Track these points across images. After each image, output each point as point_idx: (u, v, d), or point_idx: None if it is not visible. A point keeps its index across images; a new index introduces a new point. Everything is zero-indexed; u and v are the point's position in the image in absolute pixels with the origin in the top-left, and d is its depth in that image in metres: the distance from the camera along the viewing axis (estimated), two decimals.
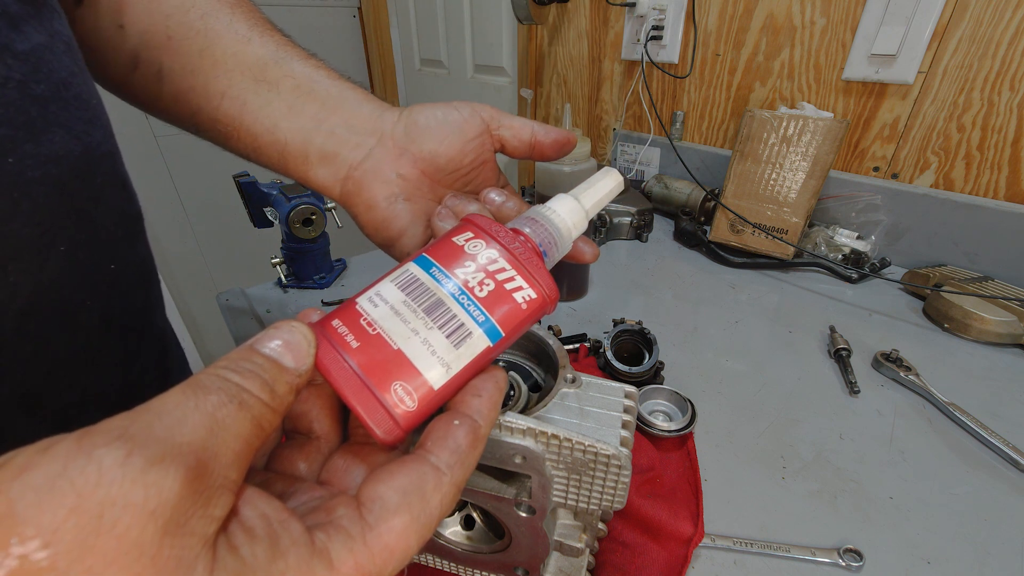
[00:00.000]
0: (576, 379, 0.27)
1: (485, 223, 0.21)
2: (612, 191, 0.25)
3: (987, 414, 0.46)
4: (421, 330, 0.18)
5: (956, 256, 0.69)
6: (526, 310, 0.19)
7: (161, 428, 0.12)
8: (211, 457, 0.12)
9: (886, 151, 0.74)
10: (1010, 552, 0.36)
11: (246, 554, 0.13)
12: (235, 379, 0.14)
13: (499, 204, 0.28)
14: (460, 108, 0.28)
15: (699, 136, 0.96)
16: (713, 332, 0.60)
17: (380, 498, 0.15)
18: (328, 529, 0.14)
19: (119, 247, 0.26)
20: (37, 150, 0.20)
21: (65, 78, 0.22)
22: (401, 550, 0.15)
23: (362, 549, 0.14)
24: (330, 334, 0.18)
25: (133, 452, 0.11)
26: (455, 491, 0.16)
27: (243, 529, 0.13)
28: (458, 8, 1.45)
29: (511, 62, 1.36)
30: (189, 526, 0.12)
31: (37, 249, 0.21)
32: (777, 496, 0.40)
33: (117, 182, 0.26)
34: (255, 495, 0.14)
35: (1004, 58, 0.61)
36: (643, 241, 0.84)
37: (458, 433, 0.17)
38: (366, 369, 0.17)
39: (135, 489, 0.11)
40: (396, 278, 0.20)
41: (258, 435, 0.14)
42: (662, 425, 0.44)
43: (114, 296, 0.26)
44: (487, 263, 0.20)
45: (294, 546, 0.13)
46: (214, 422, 0.13)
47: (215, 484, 0.12)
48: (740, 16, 0.82)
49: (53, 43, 0.22)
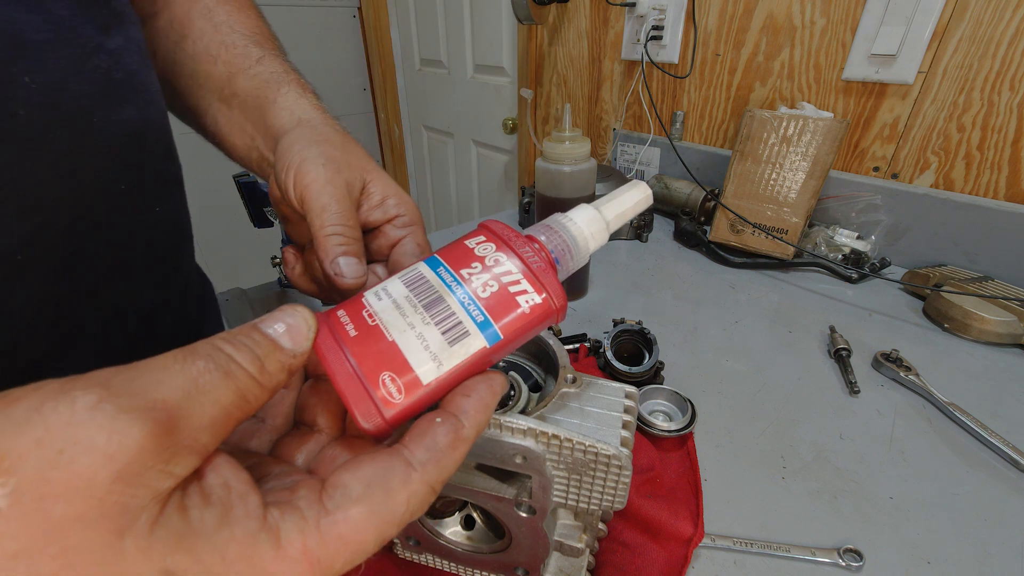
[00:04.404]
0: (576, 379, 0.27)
1: (499, 228, 0.21)
2: (638, 204, 0.24)
3: (987, 414, 0.46)
4: (418, 324, 0.18)
5: (956, 256, 0.69)
6: (529, 315, 0.19)
7: (142, 383, 0.13)
8: (183, 417, 0.13)
9: (886, 151, 0.74)
10: (1010, 552, 0.36)
11: (194, 516, 0.13)
12: (227, 349, 0.14)
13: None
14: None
15: (699, 136, 0.96)
16: (713, 332, 0.60)
17: (343, 485, 0.15)
18: (284, 508, 0.14)
19: (161, 197, 0.34)
20: (112, 116, 0.28)
21: (135, 70, 0.29)
22: (356, 542, 0.15)
23: (314, 533, 0.14)
24: (333, 322, 0.18)
25: (106, 399, 0.12)
26: (426, 490, 0.16)
27: (200, 493, 0.13)
28: (458, 8, 1.45)
29: (511, 62, 1.36)
30: (144, 477, 0.12)
31: (107, 183, 0.28)
32: (777, 496, 0.40)
33: (165, 149, 0.34)
34: (224, 463, 0.14)
35: (1004, 58, 0.61)
36: (643, 241, 0.84)
37: (438, 431, 0.17)
38: (359, 358, 0.17)
39: (100, 433, 0.11)
40: (404, 275, 0.20)
41: (240, 406, 0.14)
42: (662, 425, 0.44)
43: (156, 232, 0.34)
44: (494, 265, 0.20)
45: (245, 518, 0.13)
46: (195, 385, 0.13)
47: (182, 443, 0.13)
48: (740, 16, 0.82)
49: (128, 44, 0.29)
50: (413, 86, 1.84)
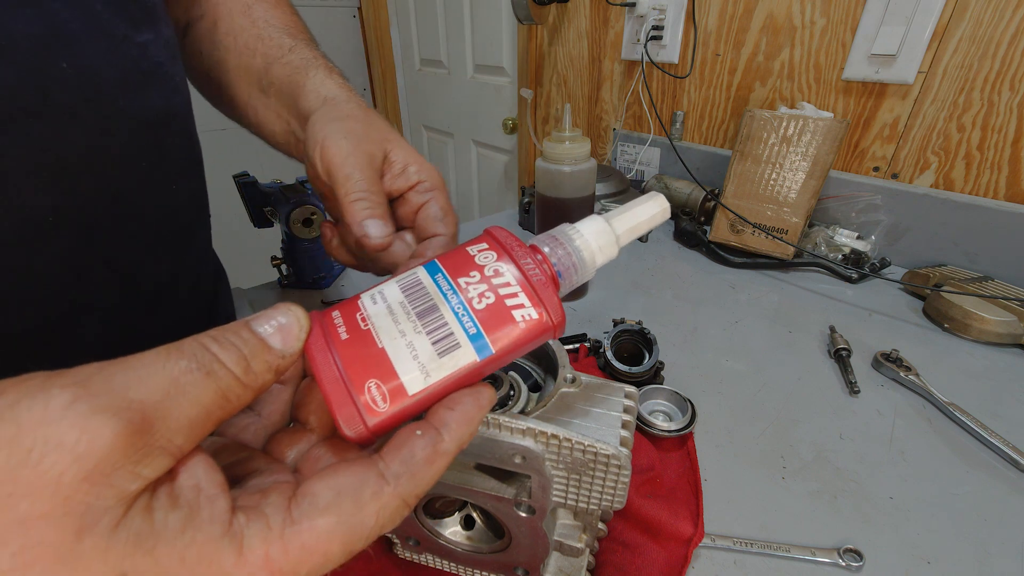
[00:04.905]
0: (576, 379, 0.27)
1: (503, 237, 0.20)
2: (652, 218, 0.22)
3: (987, 414, 0.46)
4: (409, 332, 0.18)
5: (956, 256, 0.69)
6: (523, 330, 0.18)
7: (121, 382, 0.13)
8: (159, 418, 0.13)
9: (886, 151, 0.74)
10: (1010, 552, 0.36)
11: (158, 519, 0.13)
12: (213, 348, 0.14)
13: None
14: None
15: (699, 136, 0.96)
16: (713, 332, 0.60)
17: (312, 494, 0.15)
18: (251, 514, 0.14)
19: (181, 177, 0.37)
20: (138, 102, 0.31)
21: (161, 62, 0.32)
22: (320, 553, 0.14)
23: (277, 542, 0.14)
24: (326, 323, 0.18)
25: (81, 398, 0.12)
26: (399, 504, 0.16)
27: (169, 495, 0.13)
28: (458, 8, 1.45)
29: (511, 62, 1.36)
30: (111, 478, 0.12)
31: (129, 159, 0.31)
32: (777, 496, 0.40)
33: (186, 133, 0.37)
34: (199, 464, 0.14)
35: (1004, 58, 0.61)
36: (643, 241, 0.84)
37: (416, 444, 0.16)
38: (346, 363, 0.17)
39: (70, 432, 0.11)
40: (401, 279, 0.19)
41: (222, 406, 0.14)
42: (662, 425, 0.44)
43: (173, 207, 0.36)
44: (492, 276, 0.19)
45: (209, 522, 0.13)
46: (174, 385, 0.13)
47: (154, 444, 0.13)
48: (740, 16, 0.82)
49: (156, 39, 0.32)
50: (413, 86, 1.84)
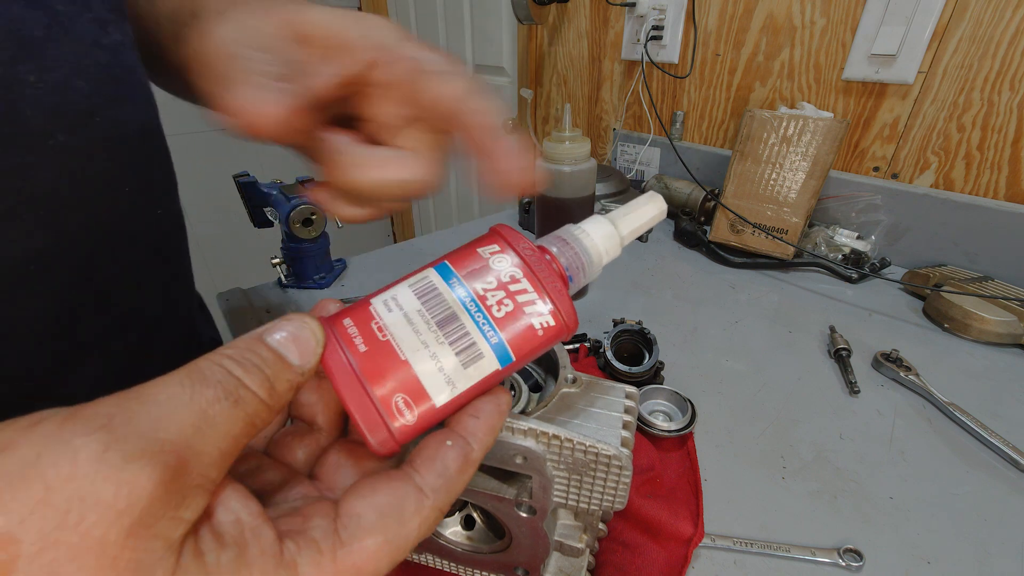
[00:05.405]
0: (576, 379, 0.27)
1: (513, 238, 0.20)
2: (653, 218, 0.23)
3: (987, 414, 0.46)
4: (431, 344, 0.17)
5: (956, 256, 0.69)
6: (542, 336, 0.19)
7: (147, 420, 0.12)
8: (193, 456, 0.12)
9: (886, 151, 0.74)
10: (1010, 552, 0.36)
11: (210, 561, 0.12)
12: (237, 372, 0.14)
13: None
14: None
15: (699, 136, 0.96)
16: (713, 332, 0.60)
17: (357, 515, 0.15)
18: (299, 540, 0.14)
19: (162, 198, 0.33)
20: (114, 116, 0.27)
21: (132, 66, 0.28)
22: (370, 571, 0.15)
23: (330, 566, 0.14)
24: (340, 333, 0.17)
25: (111, 446, 0.11)
26: (437, 515, 0.16)
27: (213, 534, 0.13)
28: (458, 8, 1.45)
29: (511, 62, 1.36)
30: (156, 528, 0.11)
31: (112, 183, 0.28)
32: (777, 496, 0.40)
33: (162, 150, 0.33)
34: (233, 495, 0.14)
35: (1004, 58, 0.61)
36: (643, 241, 0.84)
37: (448, 455, 0.16)
38: (369, 376, 0.17)
39: (106, 487, 0.11)
40: (414, 284, 0.19)
41: (249, 434, 0.14)
42: (662, 425, 0.44)
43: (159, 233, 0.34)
44: (509, 283, 0.19)
45: (261, 556, 0.13)
46: (204, 419, 0.13)
47: (192, 484, 0.12)
48: (740, 16, 0.82)
49: (125, 40, 0.28)
50: None
